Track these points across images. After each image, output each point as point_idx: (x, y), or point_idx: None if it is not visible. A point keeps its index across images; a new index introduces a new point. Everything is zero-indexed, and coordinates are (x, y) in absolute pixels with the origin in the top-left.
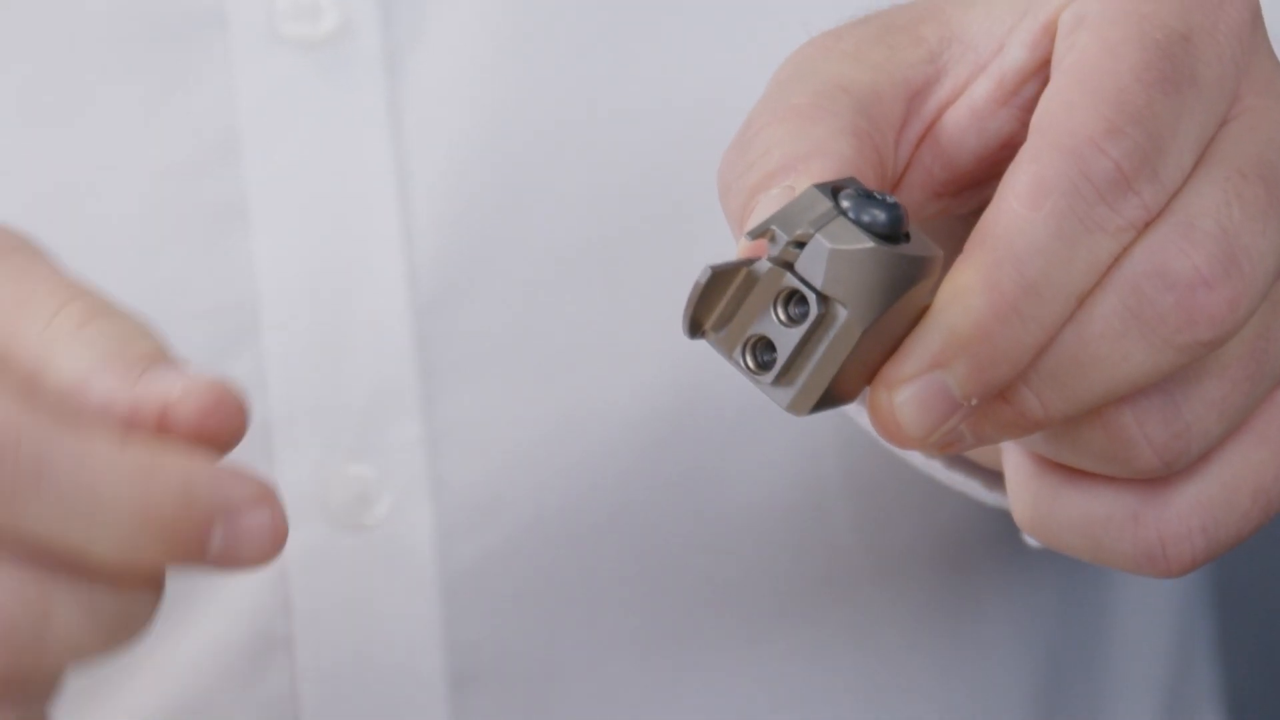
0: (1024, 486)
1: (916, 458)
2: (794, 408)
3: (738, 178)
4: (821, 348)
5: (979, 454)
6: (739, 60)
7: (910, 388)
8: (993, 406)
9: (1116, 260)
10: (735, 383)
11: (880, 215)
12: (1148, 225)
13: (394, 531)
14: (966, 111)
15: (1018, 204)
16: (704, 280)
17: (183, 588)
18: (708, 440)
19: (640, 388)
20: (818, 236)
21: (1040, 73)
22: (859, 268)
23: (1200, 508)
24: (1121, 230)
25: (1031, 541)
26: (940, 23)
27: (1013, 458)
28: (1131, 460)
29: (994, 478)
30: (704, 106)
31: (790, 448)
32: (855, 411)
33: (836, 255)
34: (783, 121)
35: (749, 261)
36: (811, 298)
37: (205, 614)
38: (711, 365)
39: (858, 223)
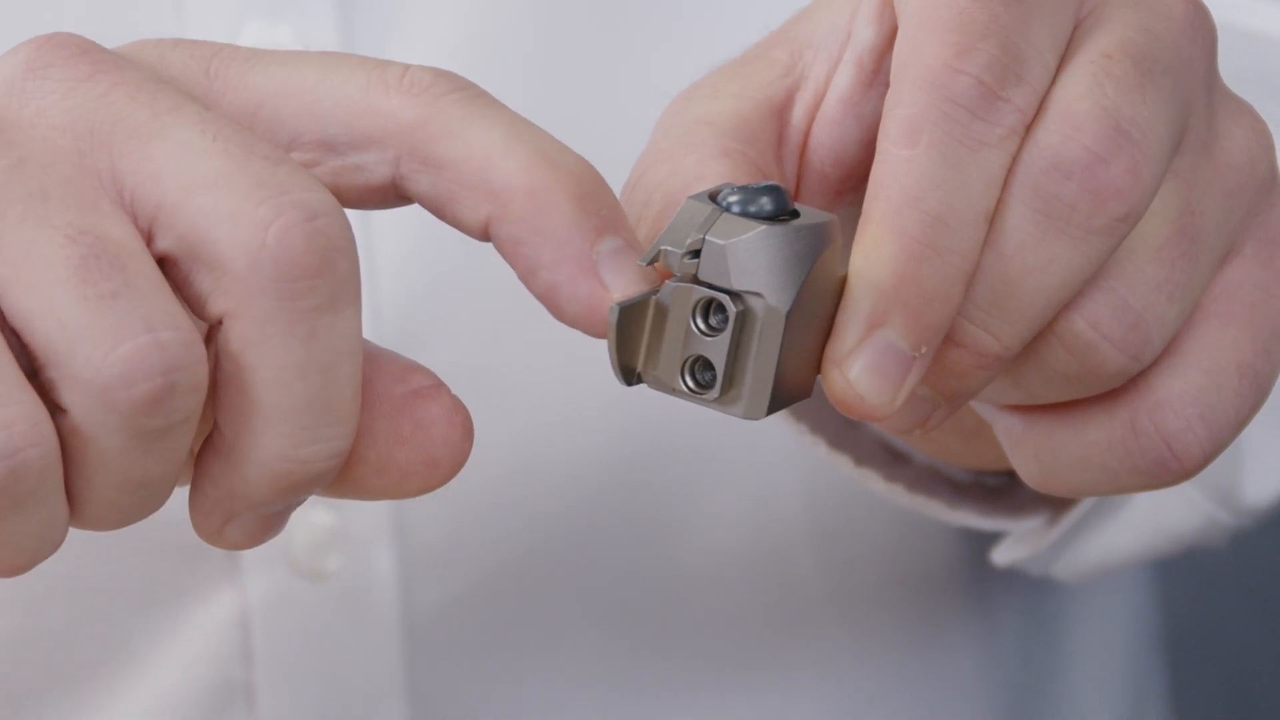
0: (1020, 445)
1: (877, 484)
2: (750, 414)
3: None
4: (754, 344)
5: (959, 446)
6: None
7: (859, 357)
8: (949, 356)
9: (1011, 170)
10: (696, 425)
11: (763, 200)
12: (1029, 128)
13: (355, 579)
14: (836, 104)
15: (896, 147)
16: (614, 320)
17: (142, 632)
18: (669, 483)
19: (601, 431)
20: (709, 239)
21: (893, 44)
22: (759, 254)
23: (1190, 396)
24: (1004, 139)
25: (999, 559)
26: (788, 40)
27: (1001, 423)
28: (1100, 365)
29: (958, 493)
30: None
31: (752, 492)
32: (812, 442)
33: (734, 248)
34: (655, 166)
35: (654, 290)
36: (726, 299)
37: (165, 660)
38: (672, 407)
39: (744, 214)
